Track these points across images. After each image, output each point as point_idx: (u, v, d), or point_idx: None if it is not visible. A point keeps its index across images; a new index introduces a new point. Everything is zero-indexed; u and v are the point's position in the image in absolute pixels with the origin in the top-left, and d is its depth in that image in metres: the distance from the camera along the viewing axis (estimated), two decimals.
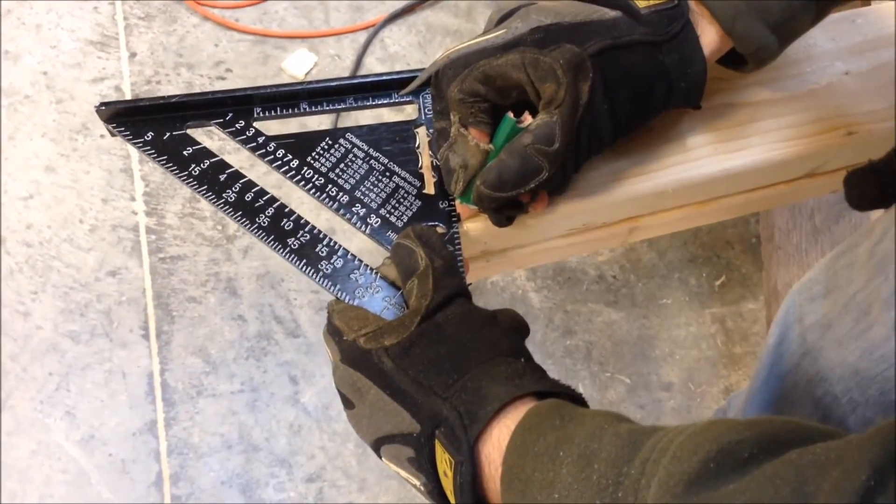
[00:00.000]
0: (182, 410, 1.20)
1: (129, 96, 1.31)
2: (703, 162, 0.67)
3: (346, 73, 1.35)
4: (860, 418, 0.68)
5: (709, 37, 0.64)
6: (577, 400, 0.54)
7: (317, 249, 0.64)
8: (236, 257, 1.26)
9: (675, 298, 1.30)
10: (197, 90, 1.32)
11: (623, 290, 1.31)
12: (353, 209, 0.66)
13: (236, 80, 1.34)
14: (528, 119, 0.59)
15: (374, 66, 1.36)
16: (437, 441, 0.53)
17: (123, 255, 1.25)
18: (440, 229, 0.65)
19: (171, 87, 1.32)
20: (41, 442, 1.17)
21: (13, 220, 1.25)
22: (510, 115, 0.60)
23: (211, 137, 0.68)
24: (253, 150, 0.66)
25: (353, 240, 0.68)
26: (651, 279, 1.32)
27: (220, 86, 1.33)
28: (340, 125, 1.27)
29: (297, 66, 1.34)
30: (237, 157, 0.70)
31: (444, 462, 0.53)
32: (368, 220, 0.66)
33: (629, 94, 0.62)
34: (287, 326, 1.24)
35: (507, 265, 0.71)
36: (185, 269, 1.25)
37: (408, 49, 1.38)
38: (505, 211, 0.63)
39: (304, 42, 1.36)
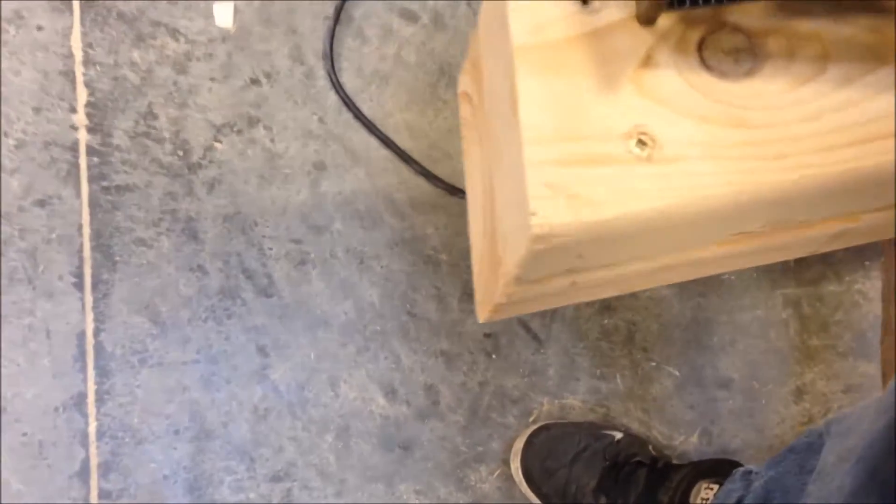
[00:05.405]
0: (119, 382, 0.96)
1: None
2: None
3: None
4: None
5: None
6: None
7: None
8: (199, 192, 1.01)
9: (739, 274, 1.06)
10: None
11: None
12: None
13: None
14: None
15: None
16: None
17: (57, 181, 0.99)
18: None
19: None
20: None
21: None
22: None
23: None
24: None
25: None
26: None
27: None
28: None
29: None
30: None
31: None
32: None
33: None
34: (258, 283, 0.99)
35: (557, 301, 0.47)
36: (133, 202, 1.00)
37: None
38: None
39: None
